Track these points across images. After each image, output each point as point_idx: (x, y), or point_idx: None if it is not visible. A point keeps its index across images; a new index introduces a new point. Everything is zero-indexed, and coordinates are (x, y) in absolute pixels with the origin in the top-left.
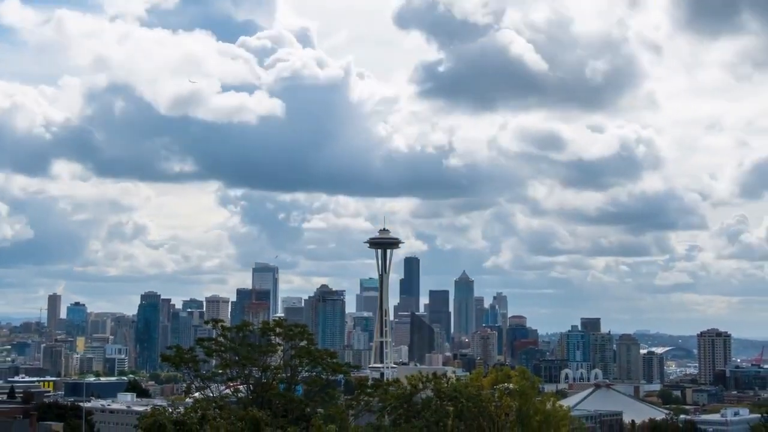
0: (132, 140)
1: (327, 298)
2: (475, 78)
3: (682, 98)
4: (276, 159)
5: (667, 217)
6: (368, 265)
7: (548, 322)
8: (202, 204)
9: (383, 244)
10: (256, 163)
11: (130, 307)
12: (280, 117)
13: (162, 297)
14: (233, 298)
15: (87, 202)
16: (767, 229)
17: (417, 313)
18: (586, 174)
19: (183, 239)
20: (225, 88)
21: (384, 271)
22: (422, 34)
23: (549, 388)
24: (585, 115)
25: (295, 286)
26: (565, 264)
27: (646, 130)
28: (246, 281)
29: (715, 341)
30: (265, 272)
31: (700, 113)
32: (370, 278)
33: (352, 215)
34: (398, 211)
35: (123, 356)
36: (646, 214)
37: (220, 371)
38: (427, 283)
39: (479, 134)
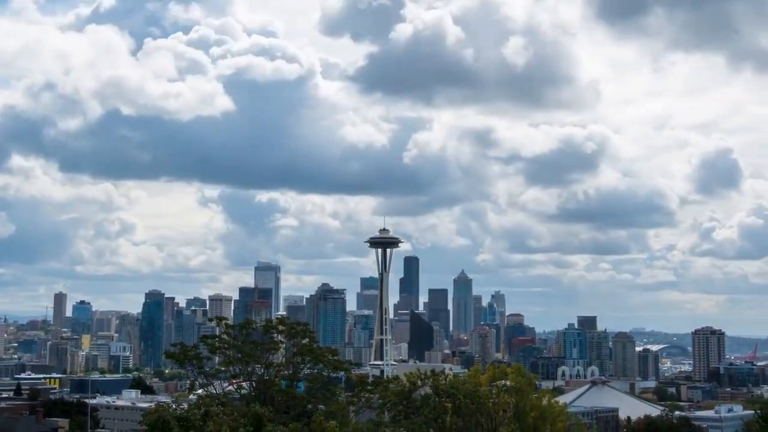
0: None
1: (328, 297)
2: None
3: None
4: (244, 156)
5: (631, 214)
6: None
7: (540, 320)
8: (184, 203)
9: (383, 243)
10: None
11: (129, 305)
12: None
13: (166, 295)
14: (236, 296)
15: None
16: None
17: (416, 312)
18: (540, 171)
19: (170, 238)
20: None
21: (384, 269)
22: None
23: (546, 384)
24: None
25: (291, 284)
26: (544, 262)
27: (596, 126)
28: (240, 280)
29: (709, 339)
30: (267, 271)
31: (652, 111)
32: (371, 277)
33: (327, 213)
34: (363, 210)
35: (128, 354)
36: (609, 211)
37: (224, 368)
38: (426, 282)
39: (428, 130)
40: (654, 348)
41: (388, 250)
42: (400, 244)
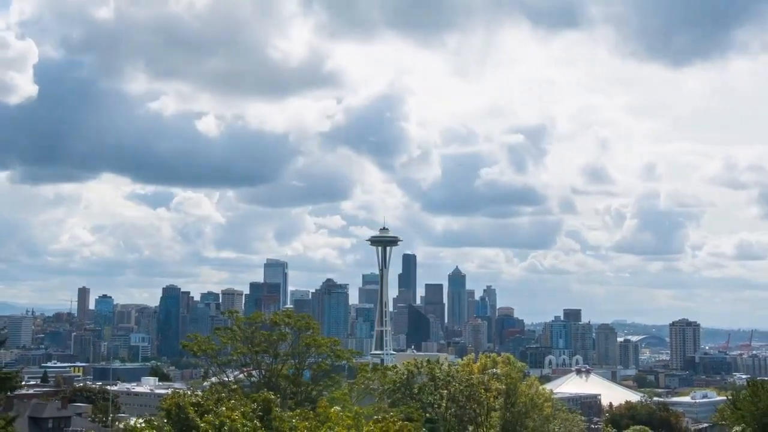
0: None
1: (332, 291)
2: None
3: None
4: None
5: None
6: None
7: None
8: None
9: (383, 242)
10: None
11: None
12: None
13: (182, 290)
14: (246, 291)
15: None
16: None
17: (414, 305)
18: None
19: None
20: None
21: (384, 266)
22: None
23: (534, 372)
24: None
25: (298, 279)
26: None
27: None
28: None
29: (685, 330)
30: (276, 267)
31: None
32: (371, 273)
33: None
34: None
35: (146, 344)
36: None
37: (235, 358)
38: (423, 277)
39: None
40: (634, 339)
41: (388, 248)
42: (399, 243)
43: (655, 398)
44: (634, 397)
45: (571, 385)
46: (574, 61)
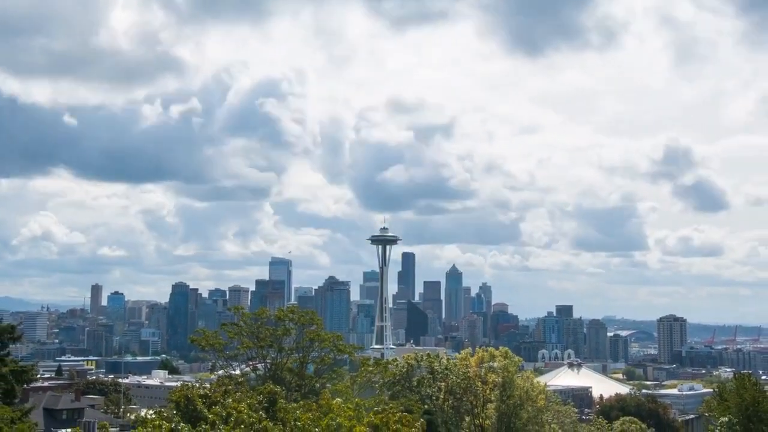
0: None
1: (334, 288)
2: None
3: None
4: None
5: None
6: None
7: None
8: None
9: (383, 240)
10: None
11: None
12: None
13: (190, 287)
14: (252, 287)
15: None
16: None
17: (413, 301)
18: None
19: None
20: None
21: (384, 264)
22: None
23: (528, 366)
24: None
25: (301, 277)
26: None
27: None
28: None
29: (672, 325)
30: (280, 265)
31: None
32: (372, 270)
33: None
34: None
35: (156, 339)
36: None
37: (241, 352)
38: (421, 275)
39: None
40: (623, 333)
41: (388, 247)
42: (398, 242)
43: (644, 390)
44: (623, 389)
45: (563, 378)
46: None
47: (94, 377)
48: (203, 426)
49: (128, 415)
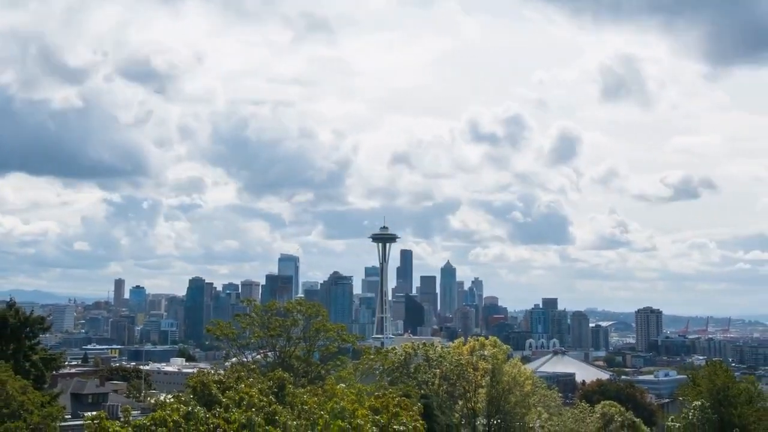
0: None
1: (338, 282)
2: None
3: None
4: None
5: None
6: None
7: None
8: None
9: (383, 238)
10: None
11: None
12: None
13: (206, 281)
14: (263, 282)
15: None
16: None
17: (410, 294)
18: None
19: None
20: None
21: (384, 260)
22: None
23: (516, 354)
24: None
25: (309, 271)
26: None
27: None
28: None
29: (649, 317)
30: (289, 261)
31: None
32: (373, 266)
33: None
34: None
35: (174, 329)
36: None
37: (253, 341)
38: (418, 270)
39: None
40: (604, 324)
41: (387, 245)
42: (397, 239)
43: (623, 377)
44: (604, 375)
45: (548, 365)
46: None
47: (117, 364)
48: (218, 409)
49: (149, 399)
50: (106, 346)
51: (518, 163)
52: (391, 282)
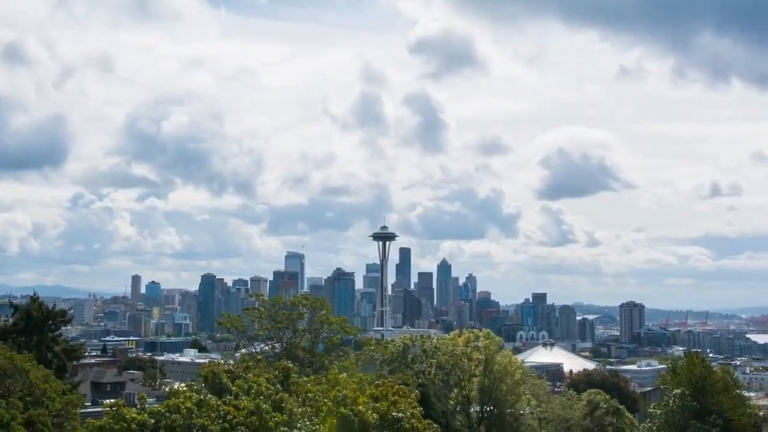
0: None
1: (341, 278)
2: None
3: None
4: None
5: None
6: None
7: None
8: None
9: (383, 237)
10: None
11: None
12: None
13: (217, 277)
14: (270, 278)
15: None
16: None
17: (409, 290)
18: None
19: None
20: None
21: (384, 257)
22: None
23: (508, 345)
24: None
25: (313, 268)
26: None
27: None
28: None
29: (632, 310)
30: (294, 258)
31: None
32: (374, 263)
33: None
34: None
35: (188, 322)
36: None
37: (261, 333)
38: (416, 266)
39: None
40: (590, 317)
41: (387, 243)
42: (396, 238)
43: (608, 367)
44: (590, 365)
45: (538, 356)
46: None
47: (134, 355)
48: (228, 397)
49: (163, 387)
50: (124, 338)
51: None
52: (391, 278)
